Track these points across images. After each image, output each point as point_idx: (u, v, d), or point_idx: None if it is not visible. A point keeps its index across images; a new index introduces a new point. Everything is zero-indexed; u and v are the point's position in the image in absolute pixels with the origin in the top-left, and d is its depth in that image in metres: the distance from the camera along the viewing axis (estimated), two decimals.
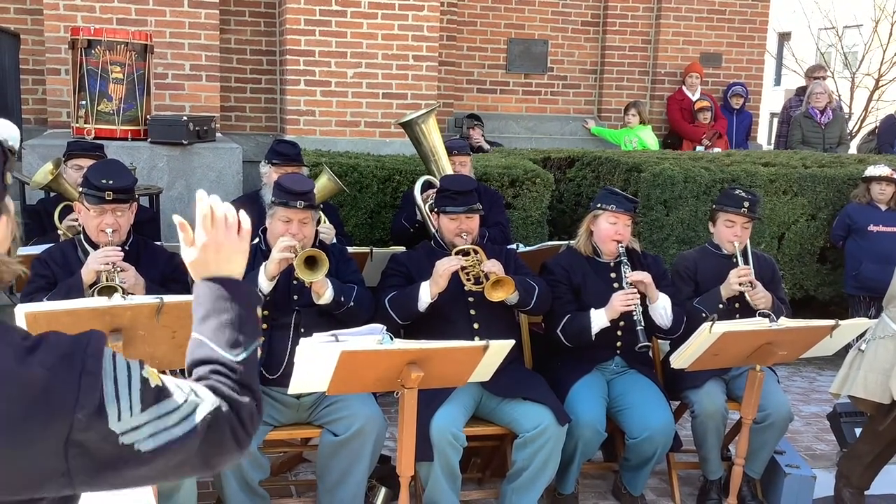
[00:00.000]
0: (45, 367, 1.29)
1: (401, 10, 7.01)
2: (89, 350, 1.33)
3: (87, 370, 1.31)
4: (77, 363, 1.31)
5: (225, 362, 1.48)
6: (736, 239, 4.22)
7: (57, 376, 1.28)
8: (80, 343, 1.34)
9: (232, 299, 1.55)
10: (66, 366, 1.30)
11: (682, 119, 9.01)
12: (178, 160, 5.77)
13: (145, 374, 1.37)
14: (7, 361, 1.27)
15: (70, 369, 1.30)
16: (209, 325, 1.53)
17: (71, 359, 1.31)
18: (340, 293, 3.62)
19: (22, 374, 1.27)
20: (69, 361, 1.31)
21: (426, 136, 4.88)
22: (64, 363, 1.30)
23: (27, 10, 7.00)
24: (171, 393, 1.38)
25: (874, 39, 16.00)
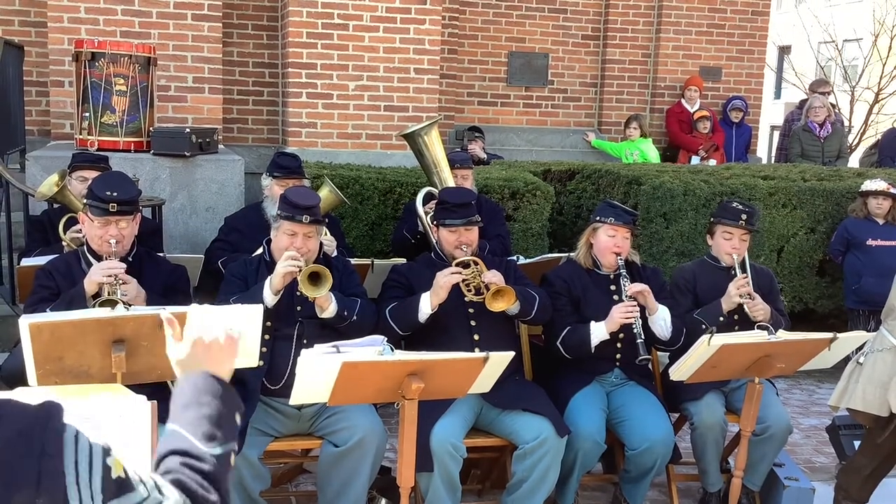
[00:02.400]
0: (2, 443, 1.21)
1: (402, 23, 7.06)
2: (50, 426, 1.25)
3: (46, 452, 1.23)
4: (36, 443, 1.23)
5: (198, 454, 1.41)
6: (734, 251, 4.25)
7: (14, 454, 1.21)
8: (38, 419, 1.25)
9: (216, 395, 1.50)
10: (25, 444, 1.22)
11: (681, 131, 9.05)
12: (180, 172, 5.80)
13: (109, 462, 1.29)
14: None
15: (29, 448, 1.22)
16: (188, 415, 1.46)
17: (30, 437, 1.23)
18: (344, 307, 3.65)
19: None
20: (27, 440, 1.23)
21: (428, 148, 4.91)
22: (21, 441, 1.22)
23: (31, 22, 7.05)
24: (134, 487, 1.31)
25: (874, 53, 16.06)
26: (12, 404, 1.27)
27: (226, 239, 4.84)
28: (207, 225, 5.77)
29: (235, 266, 3.87)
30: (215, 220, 5.61)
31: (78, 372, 2.99)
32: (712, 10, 9.36)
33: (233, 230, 4.86)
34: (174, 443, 1.43)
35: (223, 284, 3.81)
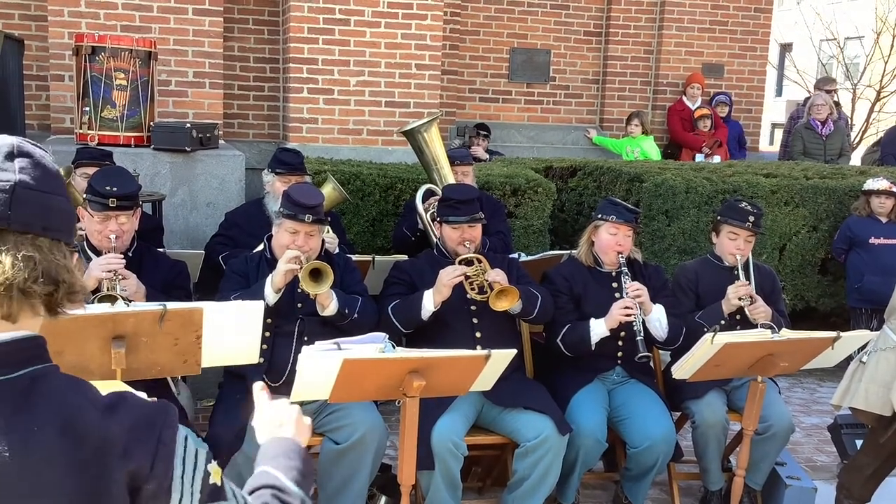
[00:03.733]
0: (123, 427, 1.30)
1: (404, 19, 7.03)
2: (167, 421, 1.34)
3: (162, 441, 1.32)
4: (154, 432, 1.32)
5: (288, 490, 1.49)
6: (738, 252, 4.23)
7: (134, 440, 1.30)
8: (158, 412, 1.35)
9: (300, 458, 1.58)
10: (145, 432, 1.31)
11: (682, 129, 9.03)
12: (180, 167, 5.78)
13: (209, 468, 1.38)
14: (92, 415, 1.28)
15: (148, 436, 1.31)
16: (279, 462, 1.54)
17: (150, 426, 1.32)
18: (345, 305, 3.63)
19: (104, 430, 1.28)
20: (148, 428, 1.32)
21: (428, 145, 4.89)
22: (142, 428, 1.31)
23: (31, 16, 7.02)
24: (226, 497, 1.39)
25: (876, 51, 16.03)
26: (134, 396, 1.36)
27: (226, 234, 4.82)
28: (208, 220, 5.75)
29: (236, 262, 3.86)
30: (216, 216, 5.59)
31: (77, 368, 2.97)
32: (715, 7, 9.32)
33: (233, 226, 4.84)
34: (266, 479, 1.51)
35: (224, 281, 3.79)
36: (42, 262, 1.28)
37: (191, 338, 3.08)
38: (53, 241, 1.30)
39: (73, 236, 1.36)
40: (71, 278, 1.32)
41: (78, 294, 1.34)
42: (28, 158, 1.31)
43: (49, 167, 1.33)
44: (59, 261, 1.30)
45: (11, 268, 1.25)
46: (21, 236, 1.27)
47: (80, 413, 1.27)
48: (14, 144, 1.31)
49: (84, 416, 1.27)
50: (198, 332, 3.08)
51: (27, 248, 1.27)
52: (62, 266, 1.31)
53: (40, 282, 1.27)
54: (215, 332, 3.09)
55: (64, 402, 1.27)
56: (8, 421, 1.23)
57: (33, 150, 1.33)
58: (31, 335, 1.30)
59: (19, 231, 1.26)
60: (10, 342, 1.27)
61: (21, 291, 1.26)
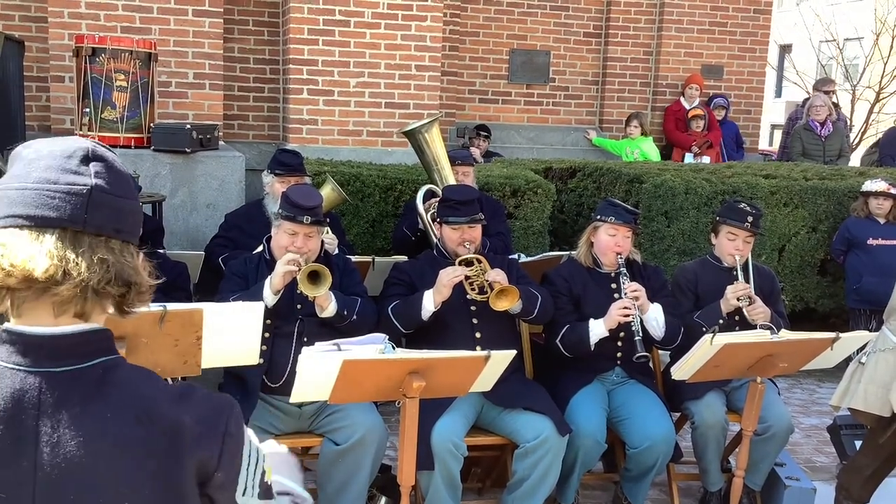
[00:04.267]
0: (193, 417, 1.34)
1: (404, 20, 7.04)
2: (234, 414, 1.39)
3: (229, 432, 1.37)
4: (221, 422, 1.37)
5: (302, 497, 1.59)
6: (737, 253, 4.23)
7: (204, 429, 1.34)
8: (226, 405, 1.40)
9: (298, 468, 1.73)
10: (213, 422, 1.36)
11: (676, 128, 9.04)
12: (181, 168, 5.78)
13: (265, 466, 1.45)
14: (165, 404, 1.33)
15: (215, 426, 1.36)
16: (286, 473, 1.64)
17: (218, 417, 1.37)
18: (344, 306, 3.64)
19: (175, 419, 1.32)
20: (215, 419, 1.37)
21: (429, 146, 4.90)
22: (211, 419, 1.36)
23: (32, 17, 7.02)
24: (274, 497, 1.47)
25: (875, 52, 16.05)
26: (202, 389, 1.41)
27: (226, 235, 4.83)
28: (208, 221, 5.76)
29: (235, 264, 3.86)
30: (216, 217, 5.59)
31: None
32: (714, 8, 9.34)
33: (233, 227, 4.85)
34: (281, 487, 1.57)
35: (223, 282, 3.79)
36: (115, 264, 1.31)
37: (191, 339, 3.08)
38: (124, 244, 1.35)
39: (138, 237, 1.41)
40: (139, 279, 1.36)
41: (146, 294, 1.38)
42: (102, 162, 1.34)
43: (121, 171, 1.37)
44: (129, 262, 1.35)
45: (87, 270, 1.28)
46: (95, 238, 1.30)
47: (153, 401, 1.32)
48: (89, 148, 1.35)
49: (157, 405, 1.32)
50: (198, 333, 3.08)
51: (102, 251, 1.30)
52: (132, 267, 1.35)
53: (114, 283, 1.31)
54: (215, 333, 3.09)
55: (137, 391, 1.33)
56: (83, 409, 1.28)
57: (106, 153, 1.37)
58: (99, 328, 1.35)
59: (94, 234, 1.30)
60: (79, 333, 1.31)
61: (95, 292, 1.30)
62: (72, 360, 1.30)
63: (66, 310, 1.30)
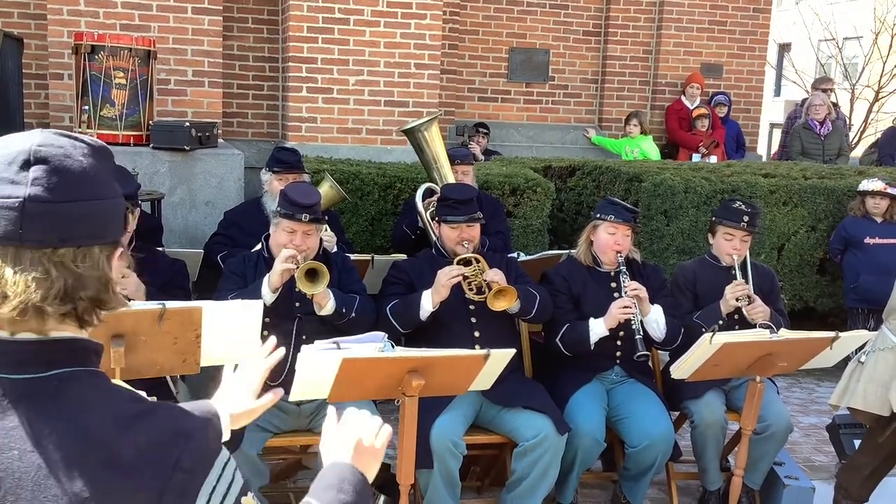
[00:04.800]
0: (137, 446, 1.21)
1: (403, 18, 7.03)
2: (191, 445, 1.24)
3: (180, 466, 1.22)
4: (171, 455, 1.22)
5: None
6: (735, 252, 4.23)
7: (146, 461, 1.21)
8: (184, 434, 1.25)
9: (356, 489, 1.50)
10: (158, 455, 1.22)
11: (680, 128, 9.03)
12: (179, 166, 5.78)
13: (243, 500, 1.28)
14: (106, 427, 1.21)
15: (161, 460, 1.21)
16: (328, 496, 1.47)
17: (167, 449, 1.22)
18: (342, 304, 3.63)
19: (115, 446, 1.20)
20: (163, 451, 1.22)
21: (429, 144, 4.89)
22: (156, 451, 1.22)
23: (31, 14, 7.01)
24: None
25: (874, 51, 16.06)
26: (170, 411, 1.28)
27: (225, 233, 4.82)
28: (207, 219, 5.75)
29: (234, 262, 3.86)
30: (214, 215, 5.58)
31: None
32: (714, 7, 9.33)
33: (232, 225, 4.84)
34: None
35: (222, 280, 3.79)
36: (59, 278, 1.21)
37: (190, 337, 3.08)
38: (80, 249, 1.23)
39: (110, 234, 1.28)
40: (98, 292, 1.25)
41: (108, 304, 1.29)
42: (44, 165, 1.22)
43: (71, 170, 1.24)
44: (85, 271, 1.23)
45: (24, 290, 1.20)
46: (37, 252, 1.20)
47: (96, 422, 1.21)
48: (31, 150, 1.22)
49: (98, 427, 1.21)
50: (197, 332, 3.08)
51: (43, 265, 1.21)
52: (88, 276, 1.24)
53: (59, 299, 1.22)
54: (214, 331, 3.09)
55: (84, 409, 1.22)
56: (30, 420, 1.20)
57: (51, 153, 1.23)
58: (68, 337, 1.25)
59: (35, 248, 1.20)
60: (39, 342, 1.23)
61: (39, 310, 1.21)
62: (31, 369, 1.22)
63: (19, 328, 1.22)
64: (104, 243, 1.27)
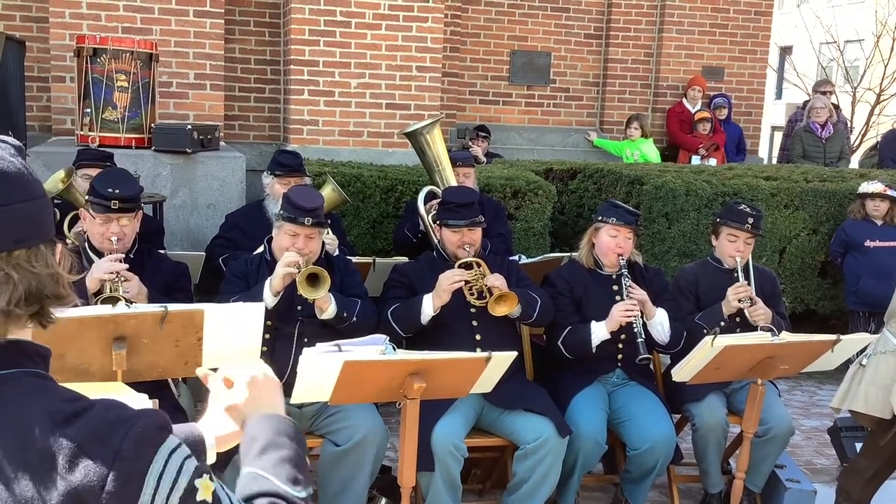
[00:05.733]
0: (73, 443, 1.18)
1: (405, 21, 7.04)
2: (131, 434, 1.21)
3: (122, 455, 1.19)
4: (112, 446, 1.19)
5: (287, 497, 1.36)
6: (738, 254, 4.23)
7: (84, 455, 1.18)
8: (123, 425, 1.21)
9: (290, 437, 1.45)
10: (98, 446, 1.18)
11: (681, 130, 9.04)
12: (181, 169, 5.78)
13: (198, 483, 1.24)
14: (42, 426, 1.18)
15: (101, 450, 1.18)
16: (268, 459, 1.41)
17: (107, 440, 1.19)
18: (344, 308, 3.63)
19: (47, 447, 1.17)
20: (103, 442, 1.19)
21: (431, 147, 4.90)
22: (97, 443, 1.19)
23: (33, 17, 7.03)
24: None
25: (875, 54, 16.05)
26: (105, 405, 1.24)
27: (227, 236, 4.83)
28: (208, 222, 5.76)
29: (236, 265, 3.86)
30: (216, 218, 5.59)
31: (79, 369, 2.98)
32: (715, 10, 9.34)
33: (234, 227, 4.85)
34: (260, 485, 1.37)
35: (224, 283, 3.79)
36: (22, 280, 1.22)
37: (192, 339, 3.09)
38: (32, 250, 1.23)
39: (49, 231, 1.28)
40: (56, 289, 1.26)
41: (66, 299, 1.28)
42: None
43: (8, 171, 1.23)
44: (40, 269, 1.24)
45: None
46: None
47: (30, 422, 1.18)
48: None
49: (33, 426, 1.18)
50: (199, 334, 3.08)
51: (3, 269, 1.20)
52: (44, 275, 1.24)
53: (22, 304, 1.22)
54: (216, 333, 3.10)
55: (18, 409, 1.20)
56: None
57: None
58: (12, 340, 1.25)
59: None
60: None
61: (5, 314, 1.21)
62: None
63: None
64: (47, 241, 1.27)
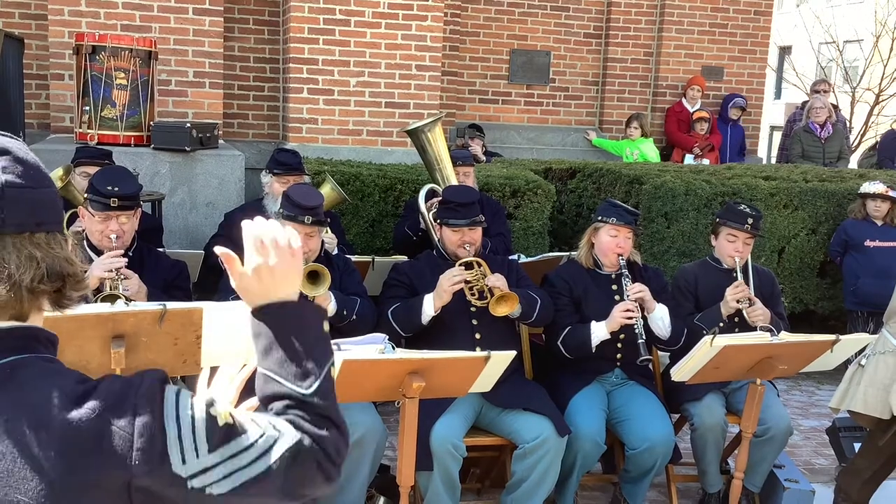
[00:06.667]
0: (94, 413, 1.23)
1: (404, 20, 7.04)
2: (141, 391, 1.27)
3: (139, 413, 1.25)
4: (128, 407, 1.25)
5: (297, 397, 1.38)
6: (737, 254, 4.23)
7: (106, 423, 1.23)
8: (131, 385, 1.28)
9: (294, 325, 1.44)
10: (117, 411, 1.24)
11: (678, 129, 9.04)
12: (180, 167, 5.78)
13: (213, 412, 1.30)
14: (53, 410, 1.23)
15: (120, 414, 1.24)
16: (273, 357, 1.41)
17: (122, 403, 1.25)
18: (343, 306, 3.63)
19: (68, 424, 1.22)
20: (119, 406, 1.25)
21: (432, 145, 4.89)
22: (114, 408, 1.25)
23: (32, 14, 7.02)
24: (245, 430, 1.31)
25: (875, 54, 16.06)
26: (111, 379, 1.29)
27: (225, 235, 4.81)
28: (207, 220, 5.75)
29: None
30: (215, 216, 5.59)
31: (77, 367, 2.93)
32: (715, 10, 9.34)
33: (233, 226, 4.83)
34: (271, 388, 1.40)
35: (222, 281, 3.79)
36: (44, 259, 1.27)
37: (190, 338, 3.08)
38: (50, 234, 1.30)
39: (61, 221, 1.35)
40: (73, 269, 1.32)
41: (82, 283, 1.33)
42: (7, 156, 1.28)
43: (29, 160, 1.30)
44: (59, 253, 1.30)
45: (17, 270, 1.24)
46: (18, 237, 1.26)
47: (47, 404, 1.23)
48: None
49: (51, 408, 1.23)
50: (197, 332, 3.07)
51: (28, 248, 1.26)
52: (63, 258, 1.30)
53: (47, 280, 1.27)
54: (215, 332, 3.09)
55: (34, 393, 1.24)
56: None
57: (10, 144, 1.29)
58: (20, 326, 1.29)
59: (15, 232, 1.25)
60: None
61: (30, 291, 1.27)
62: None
63: (2, 314, 1.27)
64: (59, 229, 1.33)
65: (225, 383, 1.69)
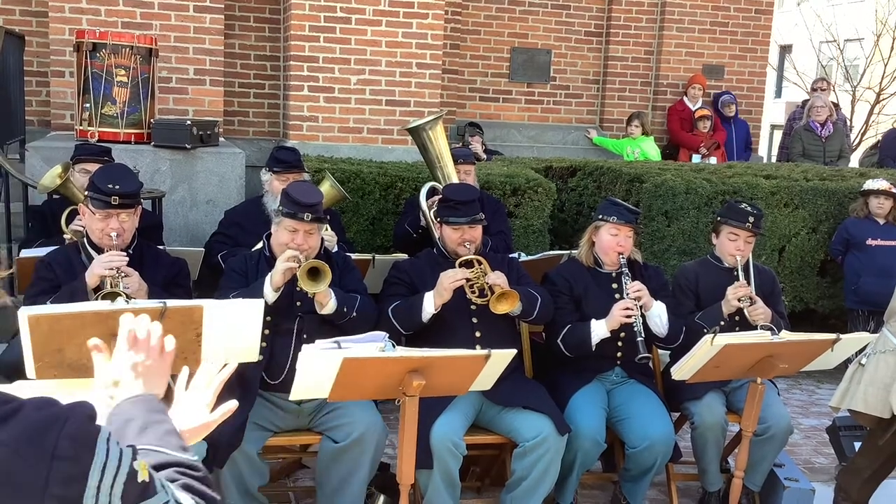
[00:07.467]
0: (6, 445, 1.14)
1: (405, 17, 7.03)
2: (66, 430, 1.19)
3: (58, 455, 1.17)
4: (47, 445, 1.16)
5: (185, 463, 1.39)
6: (738, 253, 4.23)
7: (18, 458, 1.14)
8: (56, 420, 1.19)
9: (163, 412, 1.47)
10: (33, 447, 1.16)
11: (681, 129, 9.03)
12: (180, 164, 5.77)
13: (136, 465, 1.25)
14: None
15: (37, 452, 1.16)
16: (153, 434, 1.41)
17: (40, 439, 1.16)
18: (343, 303, 3.63)
19: None
20: (37, 442, 1.16)
21: (433, 143, 4.88)
22: (30, 443, 1.16)
23: (32, 12, 7.02)
24: (157, 491, 1.28)
25: (875, 53, 16.06)
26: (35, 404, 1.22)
27: (226, 232, 4.82)
28: (207, 218, 5.75)
29: (235, 261, 3.85)
30: (215, 213, 5.58)
31: (77, 365, 2.96)
32: (715, 8, 9.33)
33: (233, 224, 4.84)
34: (157, 458, 1.37)
35: (223, 279, 3.79)
36: None
37: (191, 336, 3.07)
38: None
39: None
40: None
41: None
42: None
43: None
44: None
45: None
46: None
47: None
48: None
49: None
50: (198, 330, 3.07)
51: None
52: None
53: None
54: (215, 329, 3.08)
55: None
56: None
57: None
58: None
59: None
60: None
61: None
62: None
63: None
64: None
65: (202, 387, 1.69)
